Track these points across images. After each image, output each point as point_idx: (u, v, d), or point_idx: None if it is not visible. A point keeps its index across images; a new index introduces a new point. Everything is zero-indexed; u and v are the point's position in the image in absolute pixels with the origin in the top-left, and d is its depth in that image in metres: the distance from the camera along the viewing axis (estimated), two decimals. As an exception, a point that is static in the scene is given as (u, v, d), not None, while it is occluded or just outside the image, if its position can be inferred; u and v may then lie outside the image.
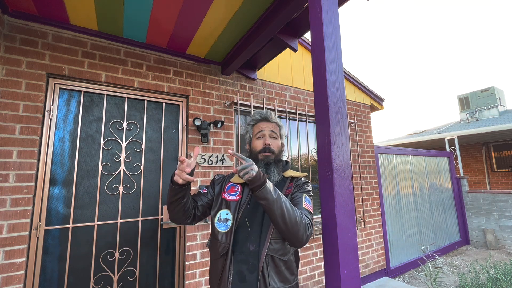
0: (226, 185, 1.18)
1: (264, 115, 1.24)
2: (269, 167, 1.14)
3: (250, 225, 1.06)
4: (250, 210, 1.09)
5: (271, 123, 1.23)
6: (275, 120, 1.25)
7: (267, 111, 1.27)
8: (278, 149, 1.19)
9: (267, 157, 1.14)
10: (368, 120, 3.81)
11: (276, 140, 1.20)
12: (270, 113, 1.25)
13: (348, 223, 1.03)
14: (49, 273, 1.67)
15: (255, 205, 1.10)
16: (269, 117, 1.24)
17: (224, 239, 1.05)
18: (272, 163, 1.14)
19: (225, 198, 1.13)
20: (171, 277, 2.07)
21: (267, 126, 1.21)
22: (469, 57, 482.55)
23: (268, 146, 1.15)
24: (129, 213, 1.96)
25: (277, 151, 1.18)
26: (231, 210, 1.09)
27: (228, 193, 1.15)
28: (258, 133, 1.20)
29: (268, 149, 1.15)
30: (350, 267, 0.99)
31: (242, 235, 1.05)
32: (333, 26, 1.16)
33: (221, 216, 1.09)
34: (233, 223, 1.06)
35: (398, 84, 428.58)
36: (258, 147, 1.17)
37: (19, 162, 1.61)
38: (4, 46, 1.66)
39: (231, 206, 1.10)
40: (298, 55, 3.20)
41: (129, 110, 2.07)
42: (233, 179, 1.19)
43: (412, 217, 4.22)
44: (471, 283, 2.67)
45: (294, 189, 1.14)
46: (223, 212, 1.10)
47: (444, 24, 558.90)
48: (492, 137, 7.45)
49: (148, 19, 1.80)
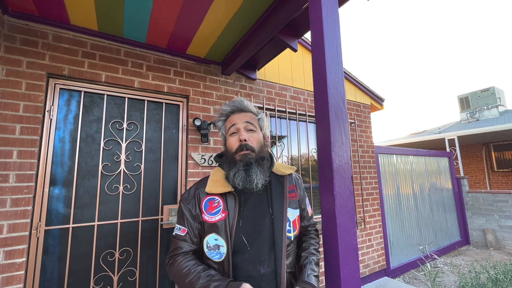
0: (202, 200, 0.92)
1: (235, 105, 1.00)
2: (249, 168, 0.90)
3: (250, 244, 0.87)
4: (245, 226, 0.89)
5: (245, 114, 0.99)
6: (250, 109, 1.01)
7: (238, 99, 1.02)
8: (258, 144, 0.96)
9: (245, 156, 0.91)
10: (368, 120, 3.81)
11: (254, 133, 0.97)
12: (242, 101, 1.01)
13: (348, 223, 1.03)
14: (49, 273, 1.67)
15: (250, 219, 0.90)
16: (242, 106, 0.99)
17: (221, 270, 0.85)
18: (253, 163, 0.91)
19: (207, 221, 0.88)
20: (171, 277, 2.07)
21: (241, 117, 0.97)
22: (469, 57, 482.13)
23: (245, 143, 0.92)
24: (129, 213, 1.96)
25: (258, 147, 0.95)
26: (220, 234, 0.86)
27: (208, 213, 0.89)
28: (230, 128, 0.97)
29: (245, 146, 0.92)
30: (350, 267, 0.99)
31: (241, 257, 0.86)
32: (333, 26, 1.16)
33: (210, 243, 0.87)
34: (228, 248, 0.85)
35: (398, 84, 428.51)
36: (233, 146, 0.94)
37: (19, 162, 1.61)
38: (4, 46, 1.66)
39: (219, 228, 0.87)
40: (298, 55, 3.20)
41: (129, 110, 2.07)
42: (209, 189, 0.92)
43: (412, 217, 4.21)
44: (471, 283, 2.67)
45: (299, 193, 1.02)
46: (210, 237, 0.87)
47: (445, 24, 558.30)
48: (492, 137, 7.45)
49: (148, 19, 1.80)
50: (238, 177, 0.89)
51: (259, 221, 0.90)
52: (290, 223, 0.93)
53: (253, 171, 0.90)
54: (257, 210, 0.92)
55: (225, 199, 0.91)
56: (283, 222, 0.90)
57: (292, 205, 0.97)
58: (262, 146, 0.97)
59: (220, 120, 1.02)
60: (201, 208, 0.91)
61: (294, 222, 0.95)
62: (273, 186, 0.97)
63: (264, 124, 1.03)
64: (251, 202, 0.93)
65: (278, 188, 0.96)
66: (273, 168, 1.01)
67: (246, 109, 1.00)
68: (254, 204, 0.93)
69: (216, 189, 0.92)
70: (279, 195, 0.95)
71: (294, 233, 0.94)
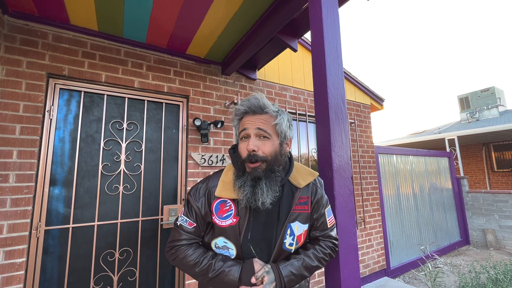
0: (213, 202, 0.88)
1: (250, 105, 0.87)
2: (257, 184, 0.82)
3: (258, 253, 0.86)
4: (254, 235, 0.86)
5: (260, 116, 0.85)
6: (267, 111, 0.86)
7: (255, 96, 0.88)
8: (272, 153, 0.84)
9: (255, 170, 0.83)
10: (368, 120, 3.81)
11: (268, 140, 0.85)
12: (259, 99, 0.86)
13: (348, 223, 1.03)
14: (49, 273, 1.67)
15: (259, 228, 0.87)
16: (257, 107, 0.86)
17: None
18: (262, 178, 0.82)
19: (218, 225, 0.86)
20: (171, 277, 2.07)
21: (254, 121, 0.85)
22: (469, 57, 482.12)
23: (254, 153, 0.82)
24: (129, 213, 1.96)
25: (271, 157, 0.84)
26: (229, 239, 0.85)
27: (219, 216, 0.86)
28: (241, 132, 0.87)
29: (253, 156, 0.82)
30: (350, 267, 0.99)
31: None
32: (333, 26, 1.16)
33: (218, 244, 0.88)
34: (238, 251, 0.85)
35: (398, 84, 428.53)
36: (243, 153, 0.86)
37: (19, 162, 1.61)
38: (4, 46, 1.66)
39: (228, 233, 0.85)
40: (298, 55, 3.20)
41: (129, 110, 2.07)
42: (218, 192, 0.87)
43: (412, 217, 4.21)
44: (471, 283, 2.67)
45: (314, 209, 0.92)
46: (220, 240, 0.87)
47: (445, 24, 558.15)
48: (492, 137, 7.45)
49: (148, 19, 1.80)
50: (244, 192, 0.82)
51: (267, 231, 0.87)
52: (295, 237, 0.88)
53: (259, 189, 0.81)
54: (266, 220, 0.88)
55: (237, 204, 0.87)
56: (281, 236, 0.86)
57: (300, 219, 0.89)
58: (278, 155, 0.86)
59: (235, 119, 0.92)
60: (212, 209, 0.88)
61: (300, 236, 0.89)
62: (284, 196, 0.88)
63: (283, 127, 0.87)
64: (263, 211, 0.86)
65: (289, 199, 0.89)
66: (291, 176, 0.91)
67: (261, 111, 0.86)
68: (264, 214, 0.87)
69: (227, 193, 0.87)
70: (287, 208, 0.88)
71: (297, 245, 0.90)
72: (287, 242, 0.87)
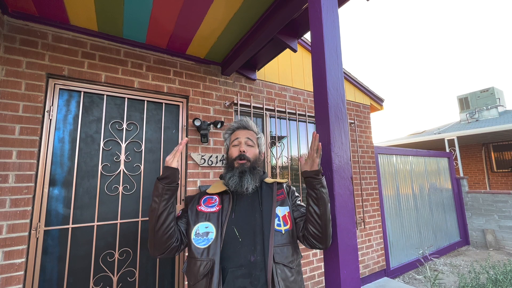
0: (202, 198, 1.12)
1: (241, 123, 1.22)
2: (243, 175, 1.08)
3: (242, 236, 0.99)
4: (237, 219, 1.03)
5: (248, 131, 1.21)
6: (252, 128, 1.23)
7: (244, 118, 1.25)
8: (254, 157, 1.16)
9: (242, 165, 1.10)
10: (368, 121, 3.81)
11: (252, 147, 1.17)
12: (248, 121, 1.24)
13: (348, 224, 1.03)
14: (48, 274, 1.67)
15: (242, 214, 1.05)
16: (246, 125, 1.22)
17: (205, 255, 0.94)
18: (247, 171, 1.09)
19: (202, 211, 1.05)
20: (171, 277, 2.07)
21: (244, 133, 1.19)
22: (469, 57, 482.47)
23: (243, 153, 1.12)
24: (129, 214, 1.96)
25: (253, 159, 1.15)
26: (212, 222, 1.01)
27: (206, 205, 1.08)
28: (234, 140, 1.18)
29: (243, 156, 1.12)
30: (350, 268, 0.99)
31: (233, 248, 0.97)
32: (333, 27, 1.17)
33: (199, 230, 1.01)
34: (218, 235, 0.97)
35: (398, 85, 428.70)
36: (233, 154, 1.15)
37: (18, 163, 1.61)
38: (4, 47, 1.66)
39: (212, 217, 1.03)
40: (298, 56, 3.21)
41: (129, 110, 2.07)
42: (210, 190, 1.13)
43: (412, 217, 4.22)
44: (471, 284, 2.67)
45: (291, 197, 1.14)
46: (202, 225, 1.01)
47: (444, 24, 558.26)
48: (491, 138, 7.46)
49: (148, 20, 1.80)
50: (233, 181, 1.08)
51: (250, 216, 1.04)
52: (280, 218, 1.04)
53: (245, 178, 1.08)
54: (248, 207, 1.07)
55: (221, 197, 1.10)
56: (272, 216, 1.02)
57: (280, 204, 1.09)
58: (257, 159, 1.18)
59: (227, 133, 1.24)
60: (200, 202, 1.10)
61: (284, 217, 1.05)
62: (263, 190, 1.13)
63: (262, 142, 1.25)
64: (244, 201, 1.09)
65: (268, 191, 1.12)
66: (265, 179, 1.18)
67: (249, 128, 1.22)
68: (246, 203, 1.08)
69: (215, 190, 1.12)
70: (268, 196, 1.10)
71: (285, 227, 1.03)
72: (275, 223, 1.02)
